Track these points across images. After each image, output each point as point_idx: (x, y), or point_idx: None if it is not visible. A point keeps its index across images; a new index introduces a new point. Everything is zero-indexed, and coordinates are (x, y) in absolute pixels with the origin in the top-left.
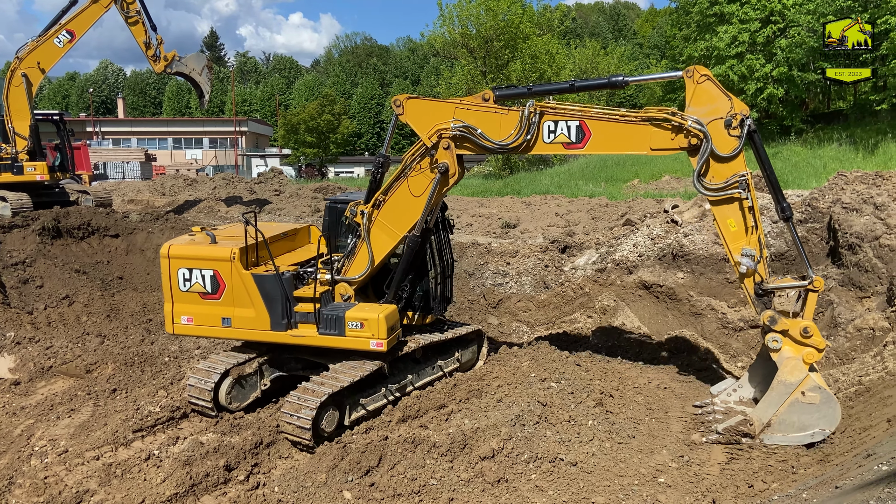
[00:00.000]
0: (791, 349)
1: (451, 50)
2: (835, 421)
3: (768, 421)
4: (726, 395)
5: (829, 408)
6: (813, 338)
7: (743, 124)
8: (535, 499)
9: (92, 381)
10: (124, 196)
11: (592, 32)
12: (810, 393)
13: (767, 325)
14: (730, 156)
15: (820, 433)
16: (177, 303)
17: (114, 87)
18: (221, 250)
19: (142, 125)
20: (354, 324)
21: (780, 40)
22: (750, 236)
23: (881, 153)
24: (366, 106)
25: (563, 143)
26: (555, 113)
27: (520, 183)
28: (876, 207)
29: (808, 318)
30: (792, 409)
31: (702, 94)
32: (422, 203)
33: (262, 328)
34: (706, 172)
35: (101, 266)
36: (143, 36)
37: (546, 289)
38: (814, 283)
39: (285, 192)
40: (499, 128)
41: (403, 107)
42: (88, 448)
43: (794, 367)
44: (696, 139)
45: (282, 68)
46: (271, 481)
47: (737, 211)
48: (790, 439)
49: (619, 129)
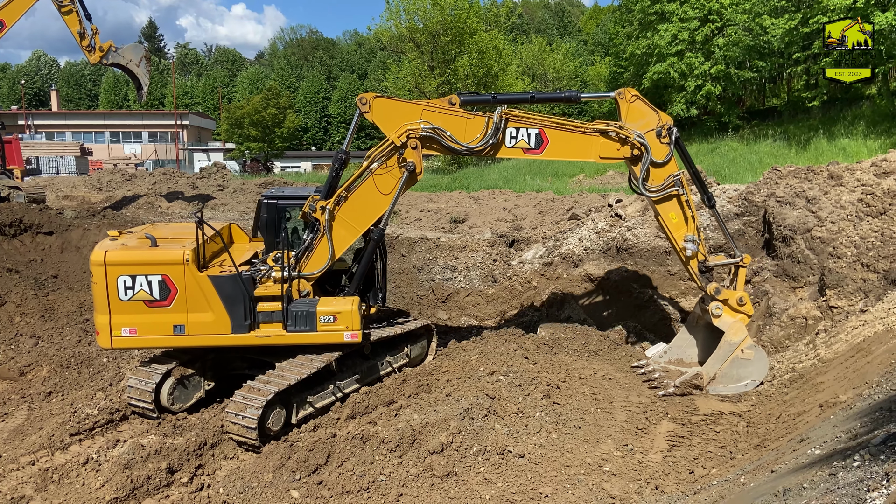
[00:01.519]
0: (730, 315)
1: (398, 44)
2: (764, 373)
3: (714, 375)
4: (658, 356)
5: (760, 362)
6: (746, 306)
7: (671, 133)
8: (484, 491)
9: (26, 383)
10: (59, 192)
11: (538, 29)
12: (748, 350)
13: (713, 295)
14: (663, 161)
15: (752, 383)
16: (116, 314)
17: (47, 78)
18: (172, 253)
19: (77, 118)
20: (327, 318)
21: (718, 39)
22: (690, 225)
23: (813, 149)
24: (312, 100)
25: (524, 149)
26: (517, 120)
27: (468, 178)
28: (808, 201)
29: (740, 289)
30: (733, 364)
31: (634, 112)
32: (388, 200)
33: (221, 332)
34: (647, 178)
35: (34, 265)
36: (77, 26)
37: (494, 283)
38: (743, 260)
39: (229, 187)
40: (465, 131)
41: (370, 105)
42: (23, 453)
43: (738, 329)
44: (637, 150)
45: (224, 60)
46: (216, 483)
47: (676, 205)
48: (730, 389)
49: (573, 139)
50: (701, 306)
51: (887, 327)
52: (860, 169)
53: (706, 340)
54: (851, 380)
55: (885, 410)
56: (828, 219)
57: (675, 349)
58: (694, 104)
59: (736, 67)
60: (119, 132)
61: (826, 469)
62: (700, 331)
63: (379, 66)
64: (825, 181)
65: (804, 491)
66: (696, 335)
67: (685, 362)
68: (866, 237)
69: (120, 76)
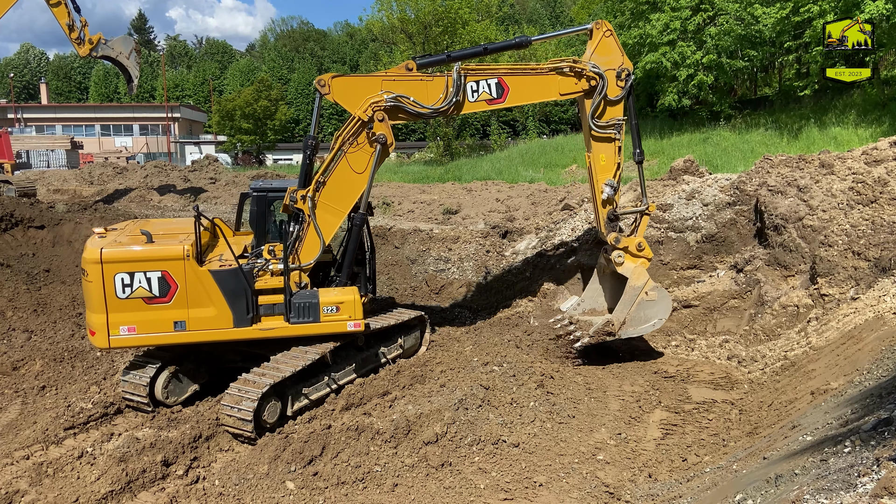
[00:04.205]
0: (631, 262)
1: (389, 35)
2: (668, 310)
3: (623, 320)
4: (573, 308)
5: (664, 301)
6: (645, 250)
7: (629, 77)
8: (479, 481)
9: (19, 378)
10: (49, 185)
11: (530, 19)
12: (651, 292)
13: (612, 244)
14: (615, 100)
15: (659, 322)
16: (114, 312)
17: (36, 71)
18: (172, 249)
19: (67, 111)
20: (330, 308)
21: (710, 28)
22: (615, 171)
23: (804, 137)
24: (303, 92)
25: (486, 100)
26: (476, 74)
27: (461, 169)
28: (799, 190)
29: (640, 235)
30: (640, 306)
31: (604, 46)
32: (365, 178)
33: (224, 327)
34: (600, 115)
35: (26, 259)
36: (65, 18)
37: (488, 274)
38: (648, 209)
39: (221, 180)
40: (426, 94)
41: (329, 86)
42: (17, 447)
43: (640, 274)
44: (594, 81)
45: (215, 52)
46: (211, 475)
47: (610, 149)
48: (640, 330)
49: (532, 81)
50: (605, 256)
51: (878, 315)
52: (851, 157)
53: (614, 288)
54: (842, 367)
55: (876, 397)
56: (819, 207)
57: (587, 300)
58: (686, 94)
59: (728, 57)
60: (110, 125)
61: (817, 455)
62: (607, 280)
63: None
64: (816, 170)
65: (796, 477)
66: (604, 284)
67: (598, 311)
68: (857, 225)
69: (110, 69)
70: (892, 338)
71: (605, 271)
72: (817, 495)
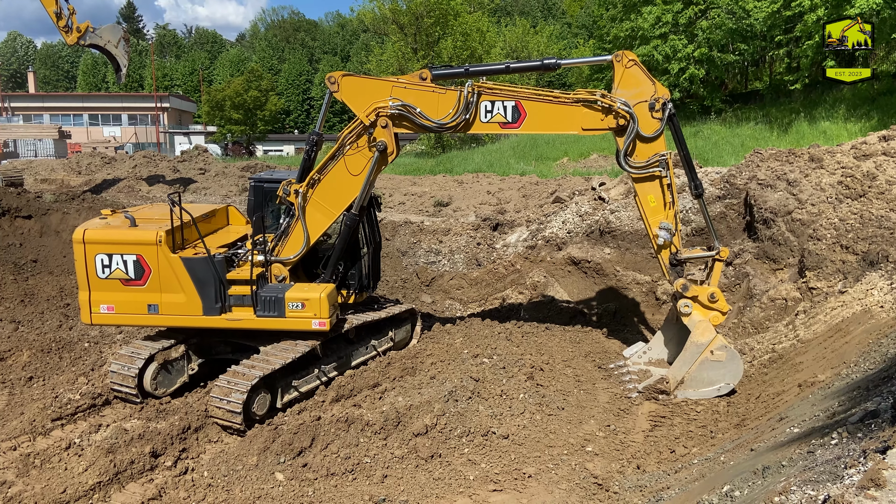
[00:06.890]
0: (700, 313)
1: (381, 26)
2: (738, 375)
3: (682, 378)
4: (637, 356)
5: (733, 364)
6: (718, 303)
7: (665, 107)
8: (468, 472)
9: (6, 369)
10: (37, 175)
11: (522, 11)
12: (718, 351)
13: (680, 291)
14: (652, 136)
15: (726, 387)
16: (94, 291)
17: (23, 59)
18: (146, 234)
19: (55, 100)
20: (295, 304)
21: (702, 21)
22: (668, 211)
23: (794, 132)
24: (294, 82)
25: (500, 123)
26: (492, 93)
27: (452, 161)
28: (789, 183)
29: (713, 284)
30: (703, 366)
31: (629, 78)
32: (360, 182)
33: (193, 313)
34: (632, 152)
35: (13, 249)
36: (53, 6)
37: (478, 266)
38: (720, 254)
39: (211, 170)
40: (437, 107)
41: (339, 84)
42: (4, 438)
43: (704, 329)
44: (623, 120)
45: (205, 42)
46: (200, 466)
47: (657, 187)
48: (701, 393)
49: (553, 110)
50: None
51: (865, 308)
52: (840, 152)
53: (681, 340)
54: (830, 360)
55: (863, 389)
56: (808, 201)
57: (654, 348)
58: (677, 87)
59: (719, 50)
60: (98, 115)
61: (805, 447)
62: (675, 329)
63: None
64: (806, 164)
65: (783, 468)
66: (673, 334)
67: (665, 362)
68: (846, 219)
69: (98, 57)
70: (879, 331)
71: (674, 319)
72: (804, 487)
